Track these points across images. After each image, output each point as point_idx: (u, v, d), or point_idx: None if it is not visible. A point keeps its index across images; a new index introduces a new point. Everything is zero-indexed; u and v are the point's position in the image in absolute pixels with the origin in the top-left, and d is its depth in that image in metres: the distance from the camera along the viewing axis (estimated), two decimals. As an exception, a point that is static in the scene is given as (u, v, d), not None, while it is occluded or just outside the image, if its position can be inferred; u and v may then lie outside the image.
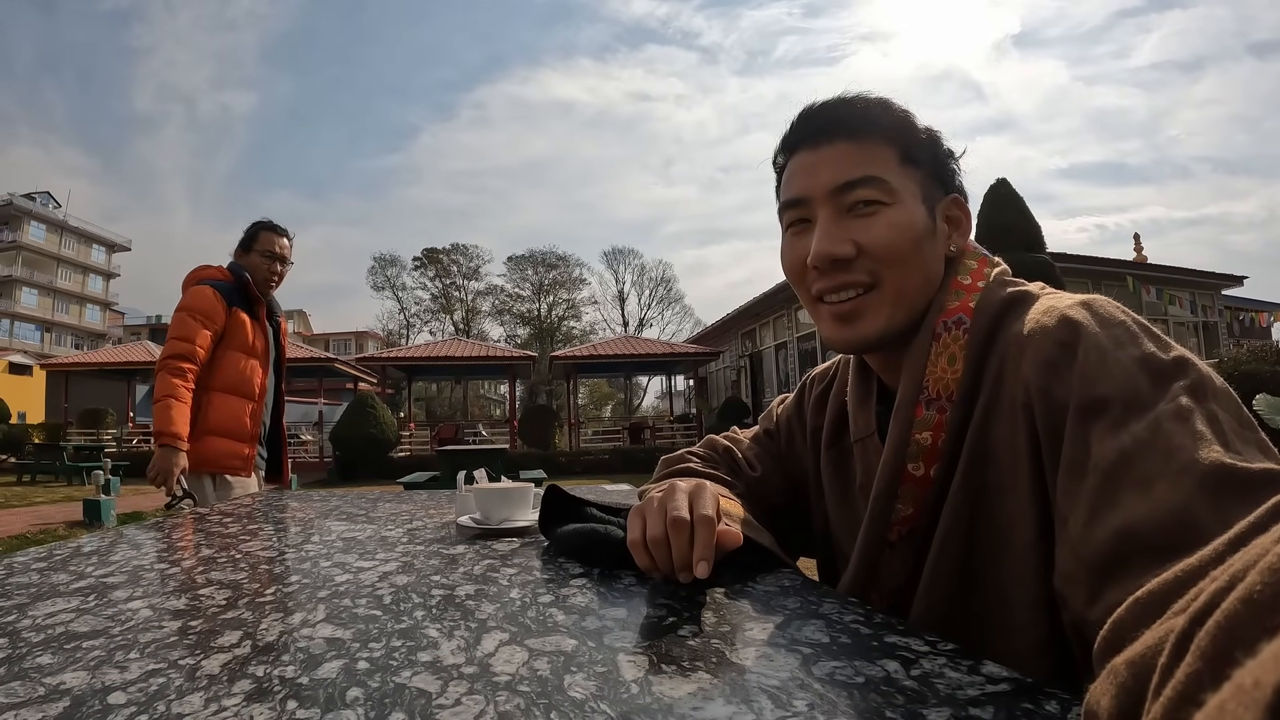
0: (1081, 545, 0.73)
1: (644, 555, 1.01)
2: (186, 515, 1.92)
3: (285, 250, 3.87)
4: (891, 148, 1.10)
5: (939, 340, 1.03)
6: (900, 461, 1.03)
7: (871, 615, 0.85)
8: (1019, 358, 0.92)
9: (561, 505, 1.35)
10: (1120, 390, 0.78)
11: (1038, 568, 0.86)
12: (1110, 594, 0.66)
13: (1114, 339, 0.84)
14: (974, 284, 1.07)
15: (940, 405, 1.01)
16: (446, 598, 0.96)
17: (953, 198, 1.13)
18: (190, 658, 0.74)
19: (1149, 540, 0.66)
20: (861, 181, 1.07)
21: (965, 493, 0.97)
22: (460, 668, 0.69)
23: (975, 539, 0.96)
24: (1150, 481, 0.69)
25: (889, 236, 1.06)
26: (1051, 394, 0.85)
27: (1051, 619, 0.85)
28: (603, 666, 0.68)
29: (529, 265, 63.26)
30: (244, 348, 3.71)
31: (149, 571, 1.17)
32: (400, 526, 1.59)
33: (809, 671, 0.67)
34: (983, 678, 0.65)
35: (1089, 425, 0.79)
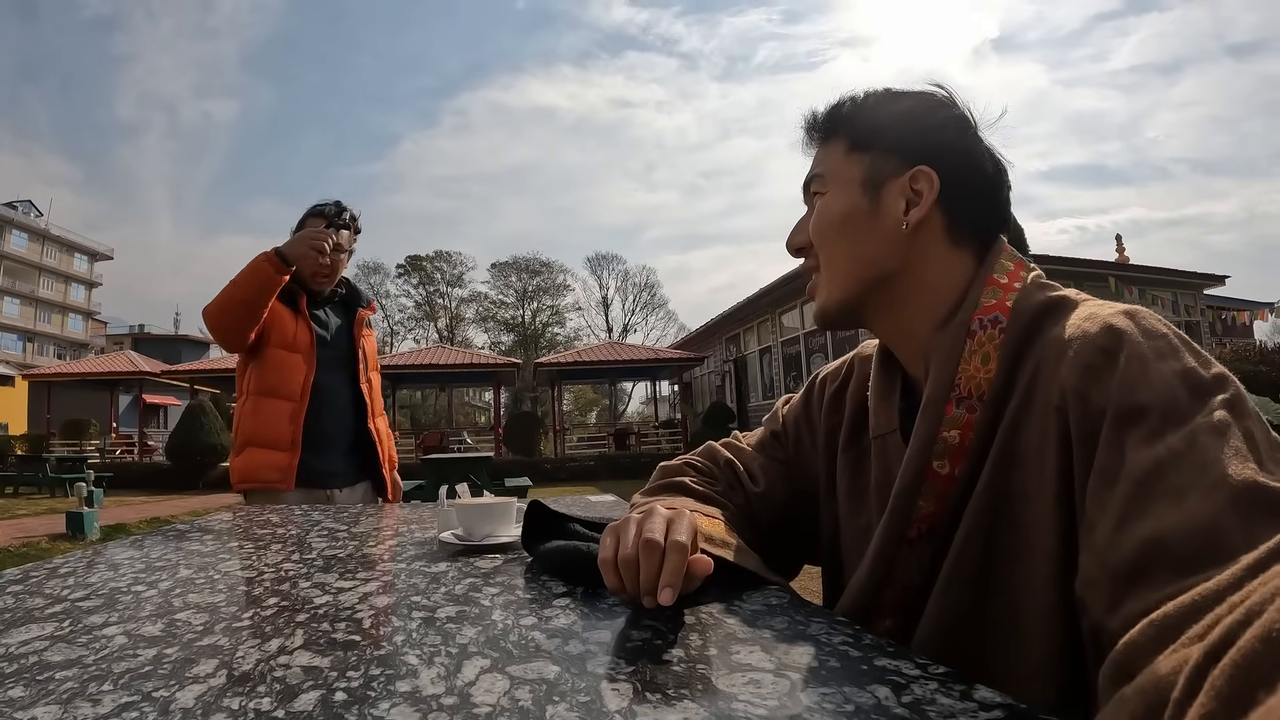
0: (1108, 552, 0.73)
1: (613, 575, 1.00)
2: (167, 532, 1.89)
3: (339, 238, 3.42)
4: (843, 141, 1.17)
5: (973, 338, 1.02)
6: (926, 458, 1.01)
7: (860, 636, 0.84)
8: (1057, 361, 0.91)
9: (544, 521, 1.33)
10: (1159, 400, 0.78)
11: (1055, 576, 0.85)
12: (1131, 603, 0.66)
13: (1156, 350, 0.83)
14: (1010, 284, 1.05)
15: (970, 404, 0.99)
16: (427, 620, 0.94)
17: (917, 170, 1.10)
18: (164, 689, 0.72)
19: (1176, 551, 0.65)
20: (811, 180, 1.20)
21: (989, 495, 0.96)
22: (440, 699, 0.67)
23: (995, 542, 0.95)
24: (1182, 493, 0.69)
25: (815, 224, 1.17)
26: (1089, 399, 0.84)
27: (1063, 629, 0.84)
28: (585, 696, 0.67)
29: (513, 272, 63.45)
30: (283, 343, 3.30)
31: (125, 595, 1.14)
32: (382, 543, 1.58)
33: (797, 699, 0.66)
34: (975, 704, 0.64)
35: (1125, 432, 0.78)
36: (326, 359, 3.38)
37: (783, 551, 1.34)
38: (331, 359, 3.41)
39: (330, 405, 3.36)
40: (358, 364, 3.51)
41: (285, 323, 3.29)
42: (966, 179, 1.10)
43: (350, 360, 3.50)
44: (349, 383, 3.48)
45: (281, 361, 3.27)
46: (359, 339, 3.56)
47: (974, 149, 1.12)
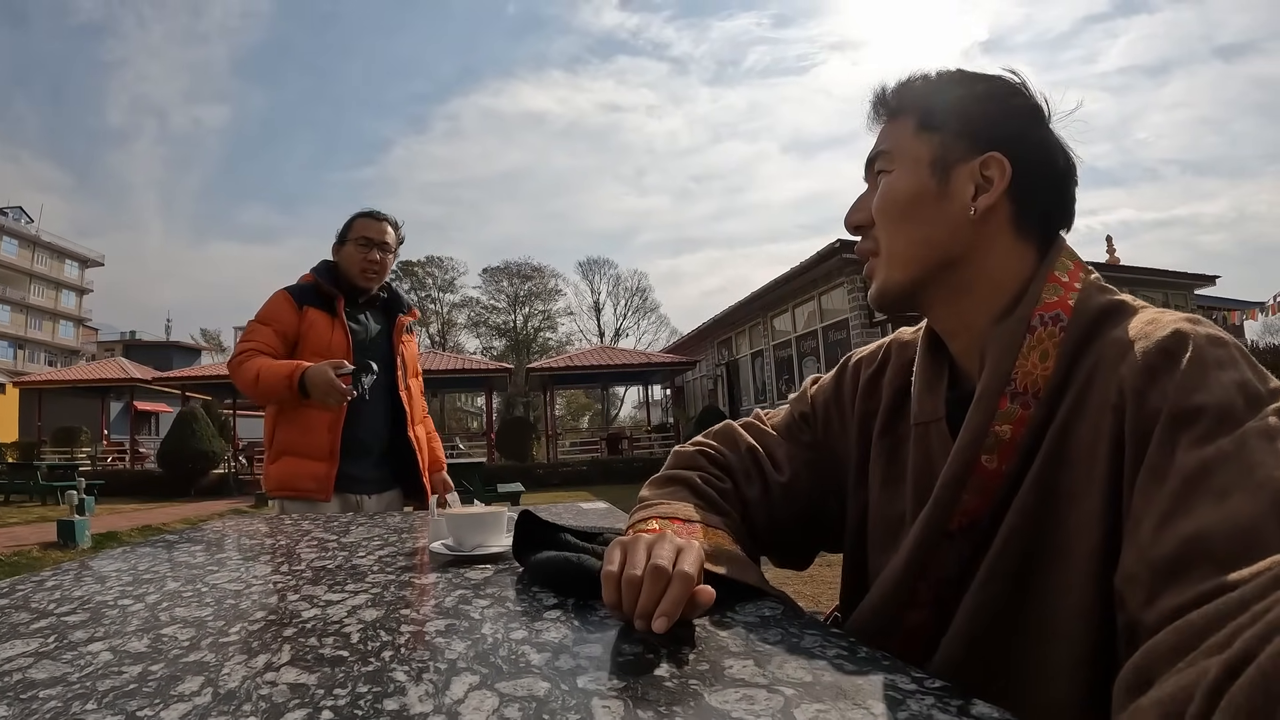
0: (1150, 547, 0.73)
1: (614, 591, 0.98)
2: (158, 543, 1.87)
3: (385, 235, 3.42)
4: (911, 117, 1.15)
5: (1033, 333, 1.01)
6: (975, 451, 1.00)
7: (855, 649, 0.83)
8: (1117, 361, 0.90)
9: (535, 531, 1.32)
10: (1215, 405, 0.77)
11: (1093, 577, 0.85)
12: (1167, 598, 0.66)
13: (1217, 359, 0.83)
14: (1071, 283, 1.04)
15: (1025, 400, 0.98)
16: (416, 635, 0.93)
17: (989, 156, 1.08)
18: (149, 708, 0.71)
19: (1216, 549, 0.65)
20: (877, 157, 1.18)
21: (1036, 492, 0.95)
22: (428, 717, 0.66)
23: (1038, 540, 0.94)
24: (1227, 492, 0.69)
25: (879, 202, 1.14)
26: (1146, 398, 0.84)
27: (1096, 630, 0.84)
28: (577, 714, 0.66)
29: (504, 277, 63.30)
30: (319, 349, 3.22)
31: (111, 608, 1.13)
32: (372, 554, 1.56)
33: (791, 715, 0.64)
34: (974, 719, 0.63)
35: (1179, 433, 0.78)
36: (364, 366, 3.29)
37: (801, 540, 1.34)
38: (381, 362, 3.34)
39: (367, 413, 3.30)
40: (396, 371, 3.45)
41: (321, 329, 3.27)
42: (1037, 170, 1.09)
43: (389, 367, 3.43)
44: (387, 390, 3.42)
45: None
46: (398, 345, 3.50)
47: (1047, 140, 1.11)
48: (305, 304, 3.29)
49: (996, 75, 1.13)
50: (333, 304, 3.33)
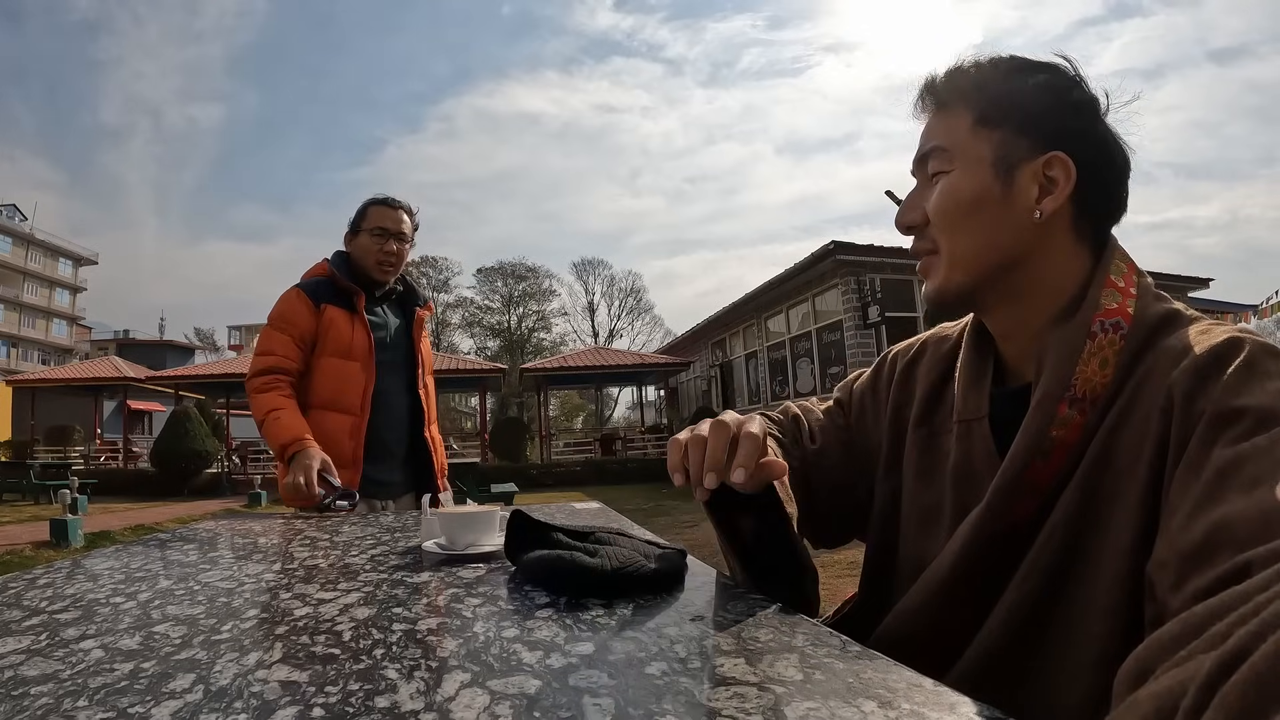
0: (1180, 535, 0.74)
1: (678, 454, 1.02)
2: (170, 539, 1.87)
3: (402, 224, 3.25)
4: (970, 111, 1.11)
5: (1093, 339, 1.00)
6: (1031, 456, 0.99)
7: (847, 647, 0.83)
8: (1169, 368, 0.90)
9: (527, 530, 1.32)
10: (1258, 407, 0.78)
11: (1123, 575, 0.86)
12: (1193, 581, 0.68)
13: (1265, 369, 0.83)
14: (1127, 288, 1.04)
15: (1082, 406, 0.98)
16: (408, 633, 0.93)
17: (1052, 155, 1.06)
18: (140, 705, 0.70)
19: (1239, 534, 0.66)
20: (930, 153, 1.14)
21: (1080, 492, 0.95)
22: (419, 714, 0.66)
23: (1076, 541, 0.94)
24: (1256, 483, 0.70)
25: (939, 203, 1.11)
26: (1194, 402, 0.84)
27: (1122, 631, 0.85)
28: (567, 711, 0.66)
29: (498, 277, 63.17)
30: (340, 350, 3.08)
31: (104, 606, 1.13)
32: (365, 552, 1.56)
33: (781, 714, 0.65)
34: (964, 718, 0.63)
35: (1219, 432, 0.79)
36: (385, 365, 3.20)
37: (828, 513, 1.35)
38: (390, 364, 3.24)
39: (389, 414, 3.18)
40: (417, 369, 3.34)
41: (341, 327, 3.10)
42: (1099, 170, 1.08)
43: (410, 365, 3.33)
44: (407, 389, 3.31)
45: (338, 371, 3.08)
46: (418, 341, 3.38)
47: (1107, 137, 1.09)
48: (323, 302, 3.11)
49: (1053, 63, 1.11)
50: (352, 300, 3.16)
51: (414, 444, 3.30)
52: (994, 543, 1.01)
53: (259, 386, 2.98)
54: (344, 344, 3.09)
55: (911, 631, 1.07)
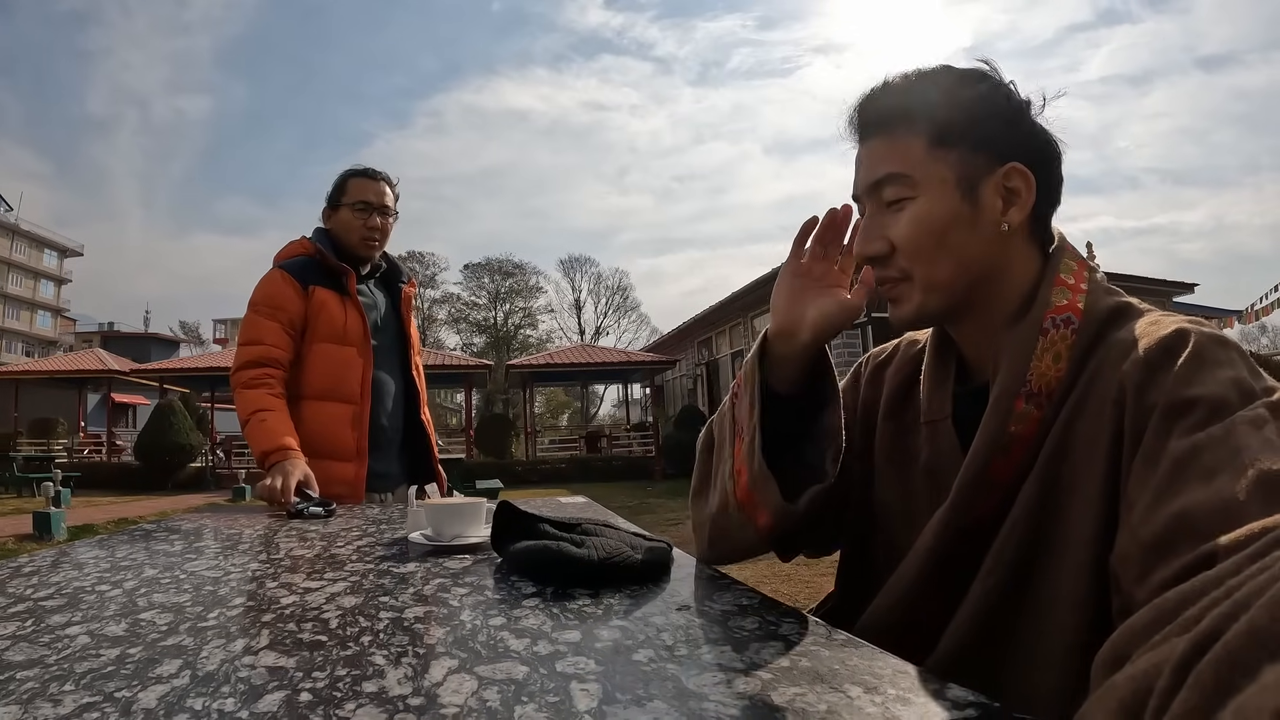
0: (1141, 527, 0.75)
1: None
2: (149, 531, 1.86)
3: (385, 197, 2.99)
4: (920, 135, 1.08)
5: (1045, 335, 1.01)
6: (992, 453, 1.01)
7: (832, 635, 0.84)
8: (1120, 360, 0.92)
9: (514, 521, 1.32)
10: (1210, 397, 0.79)
11: (1088, 566, 0.87)
12: (1156, 573, 0.68)
13: (1215, 357, 0.85)
14: (1078, 284, 1.05)
15: (1039, 401, 1.00)
16: (395, 621, 0.93)
17: (1011, 167, 1.06)
18: (127, 689, 0.70)
19: (1200, 525, 0.67)
20: (886, 180, 1.10)
21: (1039, 485, 0.97)
22: (406, 699, 0.66)
23: (1038, 533, 0.96)
24: (1214, 473, 0.71)
25: (911, 233, 1.08)
26: (1145, 393, 0.86)
27: (1089, 621, 0.86)
28: (555, 696, 0.66)
29: (485, 273, 63.06)
30: (333, 336, 2.84)
31: (89, 594, 1.12)
32: (350, 544, 1.56)
33: (769, 699, 0.65)
34: (948, 702, 0.64)
35: (1172, 423, 0.80)
36: (379, 348, 2.98)
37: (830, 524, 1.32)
38: (384, 348, 3.03)
39: (386, 400, 2.99)
40: (410, 350, 3.16)
41: (333, 311, 2.87)
42: (1046, 171, 1.09)
43: (402, 346, 3.15)
44: (401, 372, 3.12)
45: (334, 358, 2.85)
46: (408, 320, 3.19)
47: (1045, 136, 1.11)
48: (310, 283, 2.87)
49: (981, 72, 1.11)
50: (342, 281, 2.93)
51: (409, 430, 3.13)
52: (961, 538, 1.02)
53: (246, 381, 2.74)
54: (338, 328, 2.87)
55: (886, 626, 1.07)
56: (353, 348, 2.89)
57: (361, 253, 2.99)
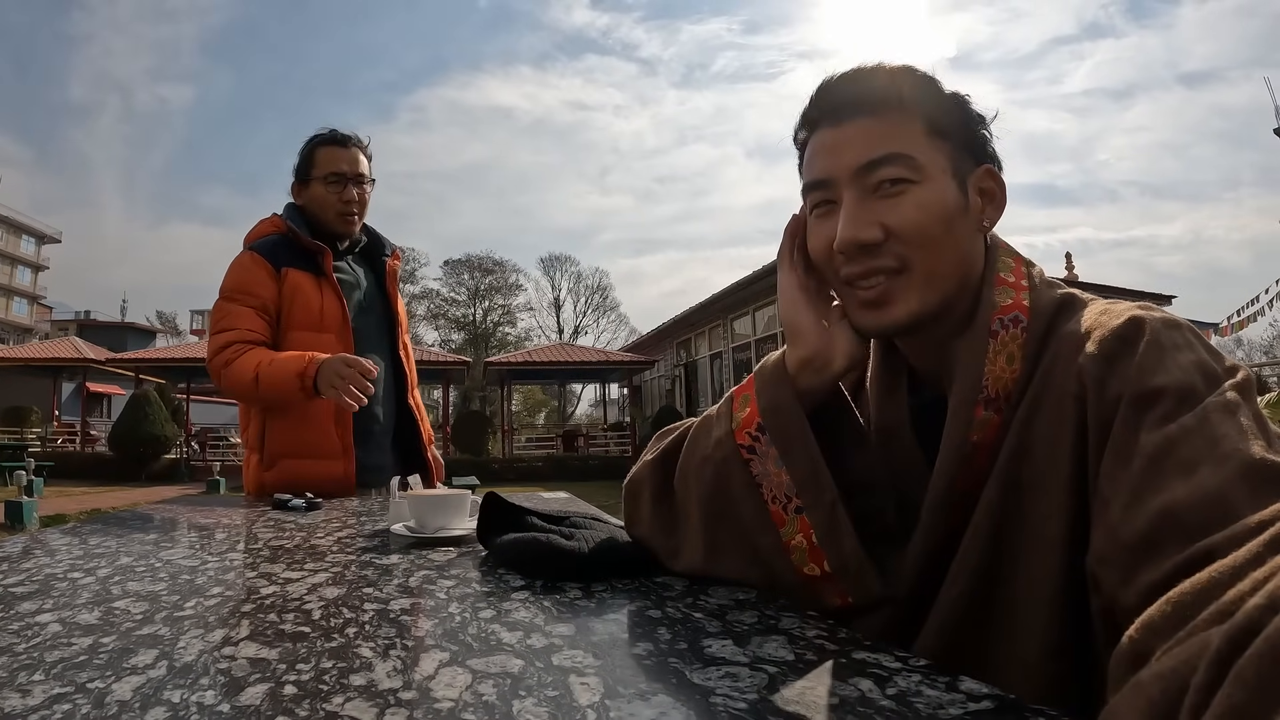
0: (1121, 526, 0.72)
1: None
2: (107, 520, 1.83)
3: (359, 165, 2.74)
4: (917, 120, 1.03)
5: (995, 338, 0.99)
6: (957, 467, 0.97)
7: (835, 630, 0.82)
8: (1074, 352, 0.90)
9: (500, 514, 1.30)
10: (1175, 385, 0.77)
11: (1059, 567, 0.85)
12: (1144, 574, 0.66)
13: (1174, 341, 0.83)
14: (1019, 282, 1.03)
15: (997, 405, 0.97)
16: (380, 613, 0.90)
17: (985, 169, 1.06)
18: (100, 680, 0.68)
19: (1186, 521, 0.65)
20: (886, 160, 1.01)
21: (998, 489, 0.94)
22: (398, 692, 0.64)
23: (1001, 536, 0.93)
24: (1193, 466, 0.69)
25: (918, 218, 1.00)
26: (1106, 385, 0.84)
27: (1063, 623, 0.84)
28: (554, 690, 0.64)
29: (465, 270, 62.94)
30: (309, 322, 2.61)
31: (61, 581, 1.09)
32: (331, 535, 1.53)
33: (778, 692, 0.63)
34: (963, 695, 0.62)
35: (1141, 415, 0.78)
36: (363, 331, 2.74)
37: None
38: (368, 329, 2.78)
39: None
40: (397, 329, 2.91)
41: (308, 295, 2.63)
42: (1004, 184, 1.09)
43: (389, 326, 2.89)
44: (389, 355, 2.85)
45: (311, 347, 2.51)
46: (394, 297, 2.93)
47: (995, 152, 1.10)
48: (283, 265, 2.64)
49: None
50: (317, 261, 2.68)
51: (400, 417, 2.88)
52: (932, 555, 1.00)
53: (228, 358, 2.49)
54: (313, 314, 2.64)
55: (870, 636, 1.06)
56: (330, 334, 2.65)
57: (339, 229, 2.75)
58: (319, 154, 2.75)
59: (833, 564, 0.99)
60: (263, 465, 2.63)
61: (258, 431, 2.66)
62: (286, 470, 2.57)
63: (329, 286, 2.68)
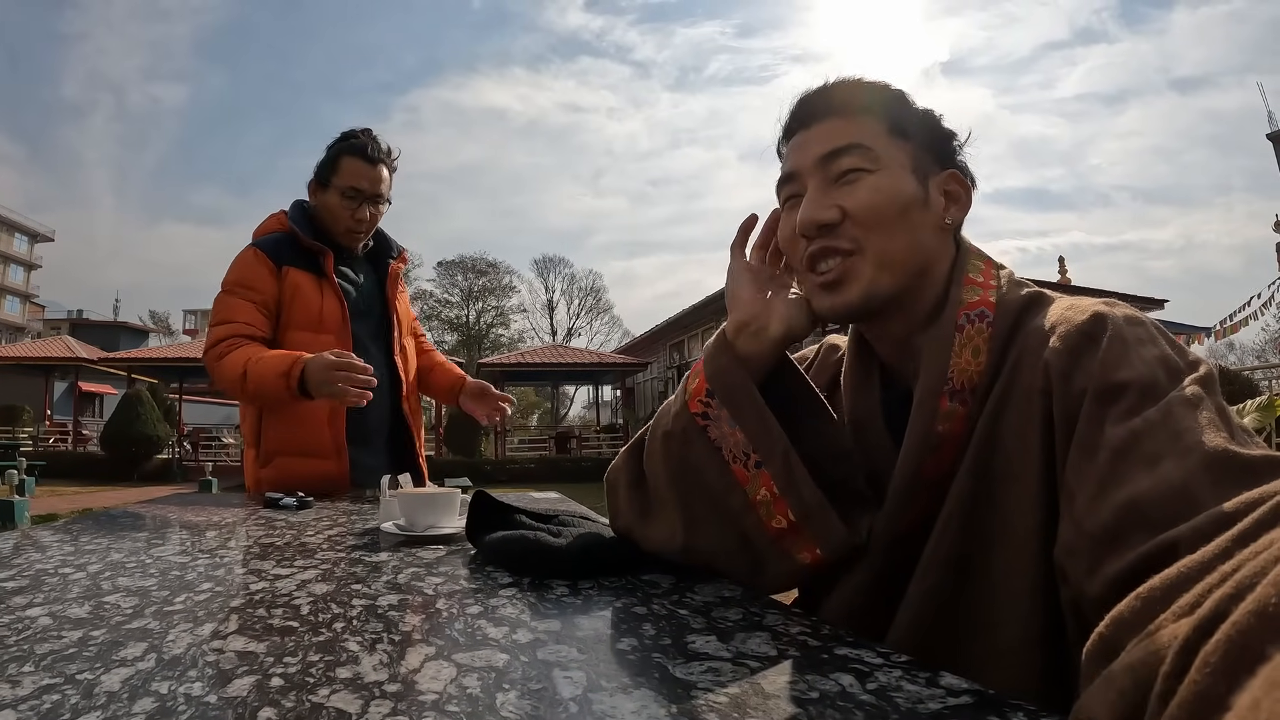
0: (1086, 519, 0.73)
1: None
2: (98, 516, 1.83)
3: (380, 185, 2.71)
4: (880, 120, 1.09)
5: (961, 332, 1.01)
6: (922, 455, 0.99)
7: (819, 626, 0.83)
8: (1040, 347, 0.92)
9: (489, 512, 1.31)
10: (1139, 379, 0.80)
11: (1034, 558, 0.86)
12: (1108, 565, 0.67)
13: (1137, 336, 0.86)
14: (987, 282, 1.06)
15: (963, 397, 0.99)
16: (368, 608, 0.91)
17: (950, 173, 1.11)
18: (89, 671, 0.68)
19: (1151, 514, 0.66)
20: (846, 149, 1.07)
21: (970, 480, 0.95)
22: (383, 685, 0.64)
23: (974, 527, 0.94)
24: (1157, 459, 0.70)
25: (872, 199, 1.05)
26: (1071, 379, 0.86)
27: (1039, 613, 0.85)
28: (537, 684, 0.64)
29: (459, 271, 62.81)
30: (309, 323, 2.62)
31: (51, 576, 1.10)
32: (321, 533, 1.53)
33: (760, 687, 0.64)
34: (943, 690, 0.63)
35: (1105, 409, 0.80)
36: (361, 333, 2.74)
37: None
38: (366, 332, 2.78)
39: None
40: (393, 332, 2.86)
41: (308, 296, 2.64)
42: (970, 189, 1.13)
43: (386, 328, 2.86)
44: (385, 357, 2.81)
45: (309, 347, 2.47)
46: (393, 300, 2.90)
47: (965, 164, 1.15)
48: (285, 264, 2.65)
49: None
50: (319, 262, 2.69)
51: (395, 420, 2.85)
52: (899, 543, 1.01)
53: (222, 352, 2.49)
54: (313, 314, 2.64)
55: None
56: (330, 335, 2.64)
57: (345, 243, 2.76)
58: (344, 163, 2.70)
59: (795, 512, 1.01)
60: (259, 462, 2.64)
61: (254, 428, 2.67)
62: (282, 468, 2.58)
63: (329, 287, 2.68)
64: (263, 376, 2.35)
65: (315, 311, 2.64)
